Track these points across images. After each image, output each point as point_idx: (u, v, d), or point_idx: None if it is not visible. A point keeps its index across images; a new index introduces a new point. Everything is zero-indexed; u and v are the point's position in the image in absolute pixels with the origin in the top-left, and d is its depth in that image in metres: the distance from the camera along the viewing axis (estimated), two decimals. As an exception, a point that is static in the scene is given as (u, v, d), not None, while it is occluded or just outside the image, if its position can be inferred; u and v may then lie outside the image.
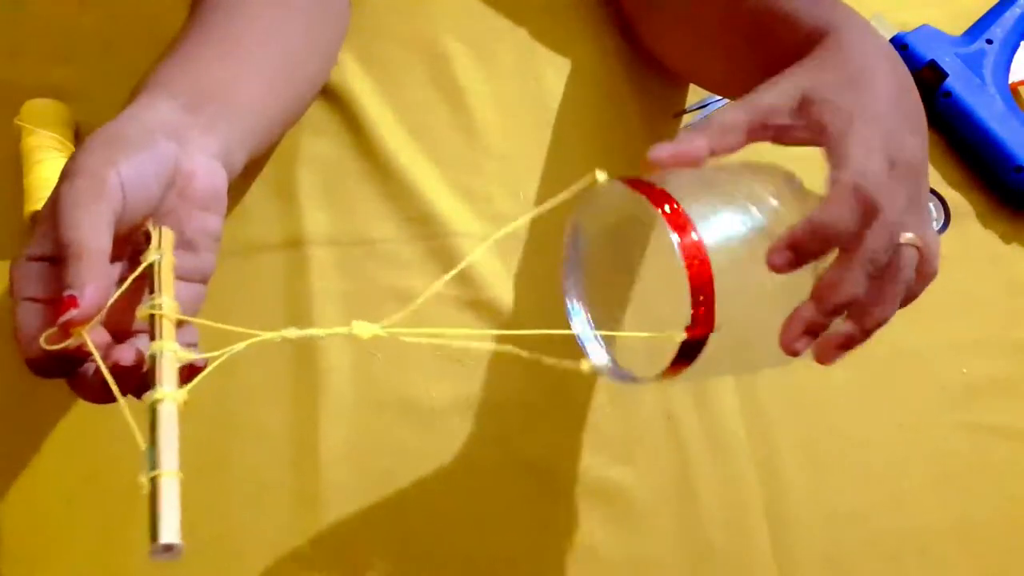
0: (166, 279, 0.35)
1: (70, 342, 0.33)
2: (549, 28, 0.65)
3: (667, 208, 0.34)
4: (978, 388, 0.57)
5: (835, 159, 0.35)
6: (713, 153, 0.37)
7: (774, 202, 0.36)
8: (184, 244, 0.39)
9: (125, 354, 0.33)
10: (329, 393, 0.53)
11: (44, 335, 0.33)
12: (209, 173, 0.40)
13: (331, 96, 0.60)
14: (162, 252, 0.36)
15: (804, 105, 0.37)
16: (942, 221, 0.61)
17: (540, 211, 0.36)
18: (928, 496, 0.54)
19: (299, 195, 0.58)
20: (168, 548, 0.26)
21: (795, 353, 0.35)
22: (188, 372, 0.33)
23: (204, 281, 0.41)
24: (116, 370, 0.33)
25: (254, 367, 0.53)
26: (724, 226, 0.35)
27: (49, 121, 0.56)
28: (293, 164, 0.58)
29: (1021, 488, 0.55)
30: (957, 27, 0.68)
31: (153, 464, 0.28)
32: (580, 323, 0.40)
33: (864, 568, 0.52)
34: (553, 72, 0.63)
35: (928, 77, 0.65)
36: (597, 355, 0.39)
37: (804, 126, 0.37)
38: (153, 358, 0.32)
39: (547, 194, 0.59)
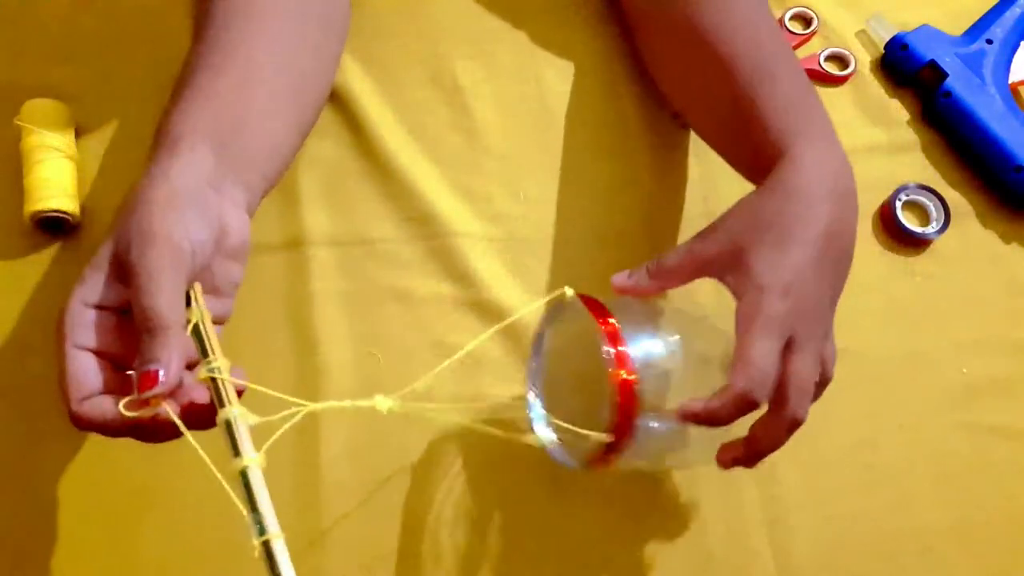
0: (215, 337, 0.37)
1: (146, 411, 0.34)
2: (549, 28, 0.65)
3: (608, 328, 0.42)
4: (978, 388, 0.57)
5: (737, 348, 0.41)
6: (661, 290, 0.46)
7: (700, 342, 0.46)
8: (211, 291, 0.40)
9: (198, 394, 0.35)
10: (330, 393, 0.53)
11: (123, 402, 0.34)
12: (241, 226, 0.41)
13: (331, 96, 0.60)
14: (202, 310, 0.37)
15: (735, 260, 0.43)
16: (942, 221, 0.61)
17: (510, 320, 0.49)
18: (928, 496, 0.54)
19: (300, 195, 0.58)
20: None
21: (727, 468, 0.45)
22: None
23: (222, 323, 0.42)
24: (190, 409, 0.35)
25: (255, 367, 0.52)
26: (652, 350, 0.44)
27: (49, 121, 0.56)
28: (294, 164, 0.58)
29: (1021, 488, 0.55)
30: (957, 27, 0.68)
31: (261, 529, 0.31)
32: (534, 409, 0.47)
33: (864, 569, 0.52)
34: (553, 72, 0.63)
35: (928, 77, 0.65)
36: (544, 436, 0.46)
37: (729, 283, 0.44)
38: (227, 424, 0.33)
39: (546, 194, 0.60)
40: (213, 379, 0.35)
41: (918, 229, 0.61)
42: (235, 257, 0.41)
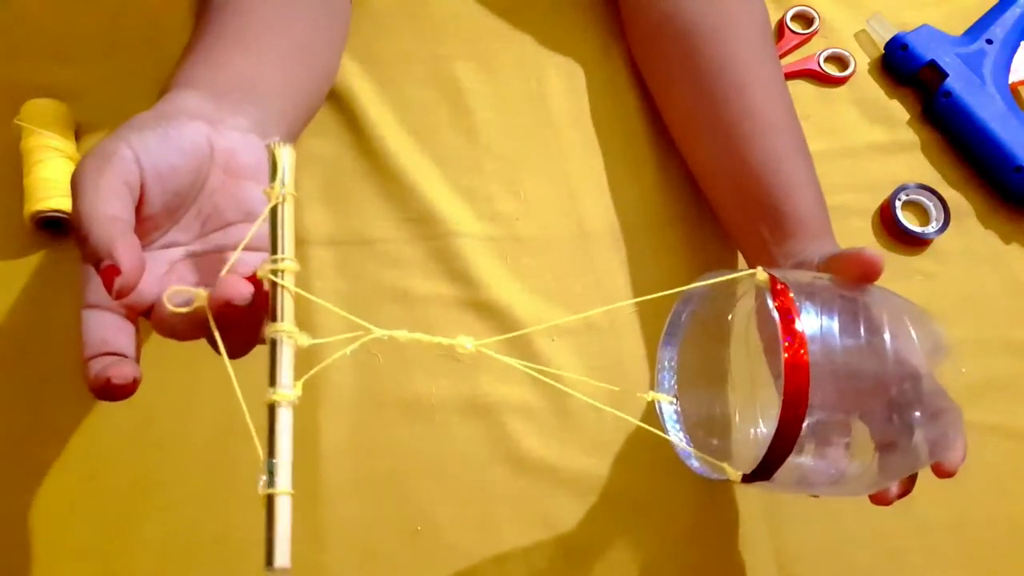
0: (288, 232, 0.32)
1: (183, 309, 0.32)
2: (550, 28, 0.65)
3: (785, 307, 0.35)
4: (977, 388, 0.57)
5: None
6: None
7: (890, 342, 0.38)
8: (250, 217, 0.39)
9: (233, 289, 0.31)
10: (330, 392, 0.53)
11: (169, 294, 0.32)
12: (249, 146, 0.40)
13: (331, 96, 0.60)
14: (285, 194, 0.32)
15: None
16: (942, 221, 0.61)
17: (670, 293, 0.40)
18: (929, 494, 0.54)
19: (299, 195, 0.57)
20: (281, 570, 0.27)
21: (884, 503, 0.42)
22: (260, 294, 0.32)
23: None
24: (226, 311, 0.32)
25: (255, 365, 0.52)
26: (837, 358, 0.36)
27: (49, 121, 0.56)
28: (293, 164, 0.58)
29: (1020, 487, 0.55)
30: (957, 27, 0.68)
31: (271, 480, 0.28)
32: (665, 393, 0.41)
33: (865, 565, 0.52)
34: (554, 72, 0.63)
35: (928, 77, 0.65)
36: (673, 431, 0.40)
37: None
38: (274, 344, 0.30)
39: (547, 194, 0.60)
40: (273, 283, 0.31)
41: (918, 229, 0.61)
42: (256, 178, 0.40)
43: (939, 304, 0.59)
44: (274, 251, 0.31)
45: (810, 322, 0.35)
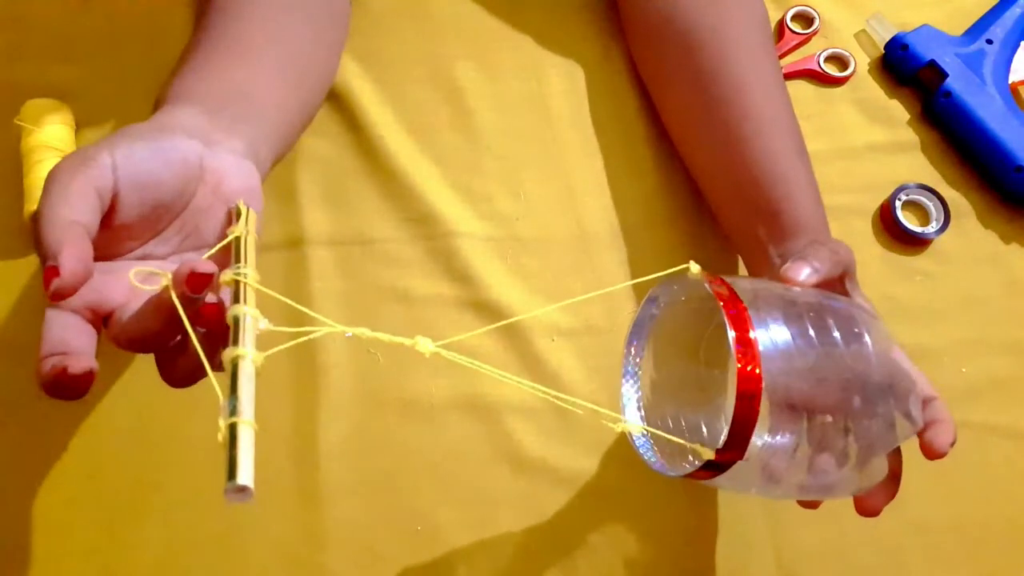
0: (251, 253, 0.36)
1: (148, 287, 0.33)
2: (550, 28, 0.65)
3: (735, 312, 0.35)
4: (978, 388, 0.57)
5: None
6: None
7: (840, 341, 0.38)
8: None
9: (197, 262, 0.32)
10: (329, 391, 0.53)
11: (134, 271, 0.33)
12: (240, 171, 0.40)
13: (331, 96, 0.60)
14: (248, 229, 0.37)
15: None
16: (942, 221, 0.61)
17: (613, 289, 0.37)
18: (929, 494, 0.54)
19: (299, 195, 0.58)
20: (242, 489, 0.27)
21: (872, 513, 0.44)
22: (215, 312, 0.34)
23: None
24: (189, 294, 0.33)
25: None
26: (786, 357, 0.36)
27: (49, 121, 0.56)
28: (293, 164, 0.58)
29: (1020, 488, 0.55)
30: (957, 27, 0.68)
31: (232, 412, 0.29)
32: (628, 392, 0.41)
33: (864, 564, 0.52)
34: (554, 72, 0.63)
35: (928, 77, 0.65)
36: (635, 431, 0.40)
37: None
38: (236, 319, 0.32)
39: (547, 194, 0.60)
40: (236, 282, 0.34)
41: (918, 229, 0.61)
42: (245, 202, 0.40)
43: (939, 304, 0.59)
44: (236, 262, 0.35)
45: (758, 319, 0.36)
